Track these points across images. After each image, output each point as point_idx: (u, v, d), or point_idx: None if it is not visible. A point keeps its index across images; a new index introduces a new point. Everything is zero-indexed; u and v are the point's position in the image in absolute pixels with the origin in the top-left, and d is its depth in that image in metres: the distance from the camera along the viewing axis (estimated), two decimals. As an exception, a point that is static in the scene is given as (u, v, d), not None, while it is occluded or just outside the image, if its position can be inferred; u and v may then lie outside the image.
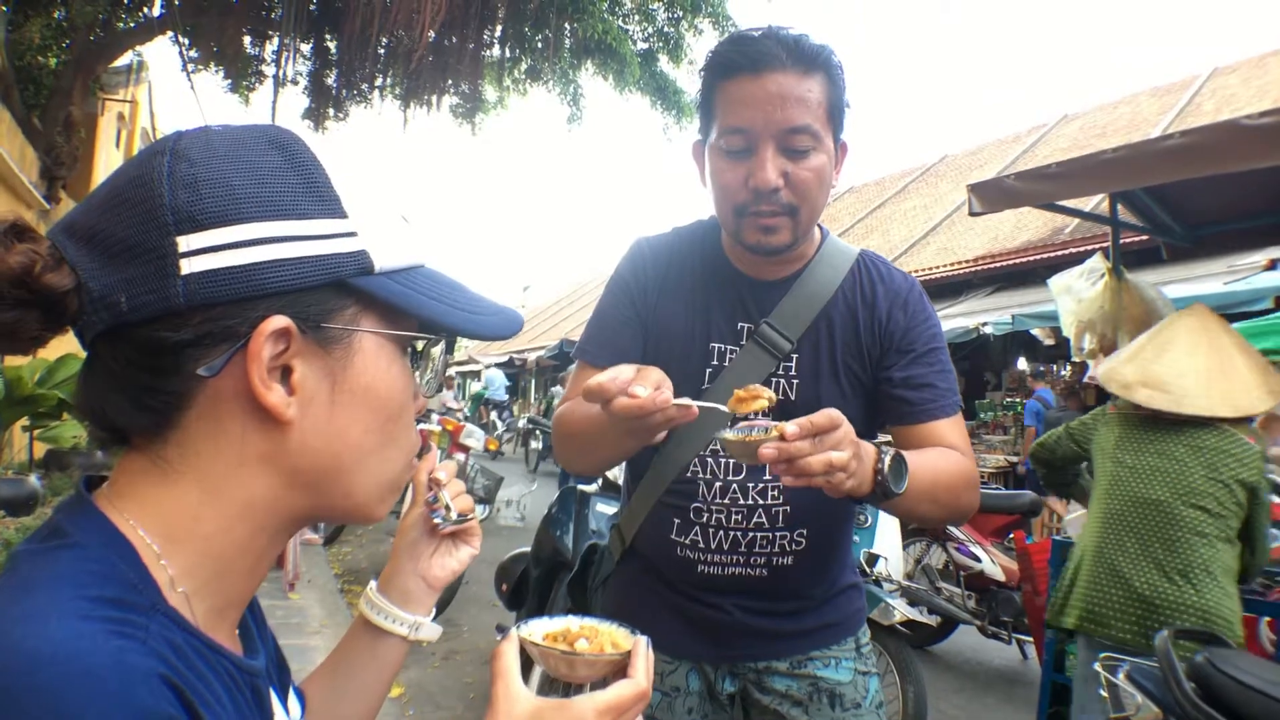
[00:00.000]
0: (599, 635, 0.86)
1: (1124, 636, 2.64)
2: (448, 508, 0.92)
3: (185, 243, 0.58)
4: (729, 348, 1.53)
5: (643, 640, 0.83)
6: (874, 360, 1.54)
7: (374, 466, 0.68)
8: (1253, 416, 2.81)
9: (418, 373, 0.72)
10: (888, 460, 1.22)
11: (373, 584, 0.95)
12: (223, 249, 0.59)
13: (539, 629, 0.86)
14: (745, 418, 1.23)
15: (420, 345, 0.72)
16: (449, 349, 0.75)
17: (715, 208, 1.50)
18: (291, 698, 0.78)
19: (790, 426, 1.10)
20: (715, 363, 1.53)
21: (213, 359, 0.60)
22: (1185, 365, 2.83)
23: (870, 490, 1.23)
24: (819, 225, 1.56)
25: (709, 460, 1.52)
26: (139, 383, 0.61)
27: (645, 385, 1.12)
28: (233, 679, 0.61)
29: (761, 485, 1.51)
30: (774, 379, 1.51)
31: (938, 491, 1.38)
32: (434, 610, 0.97)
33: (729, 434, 1.18)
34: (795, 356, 1.51)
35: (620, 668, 0.81)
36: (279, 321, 0.60)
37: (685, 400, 1.16)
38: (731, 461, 1.51)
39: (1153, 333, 3.06)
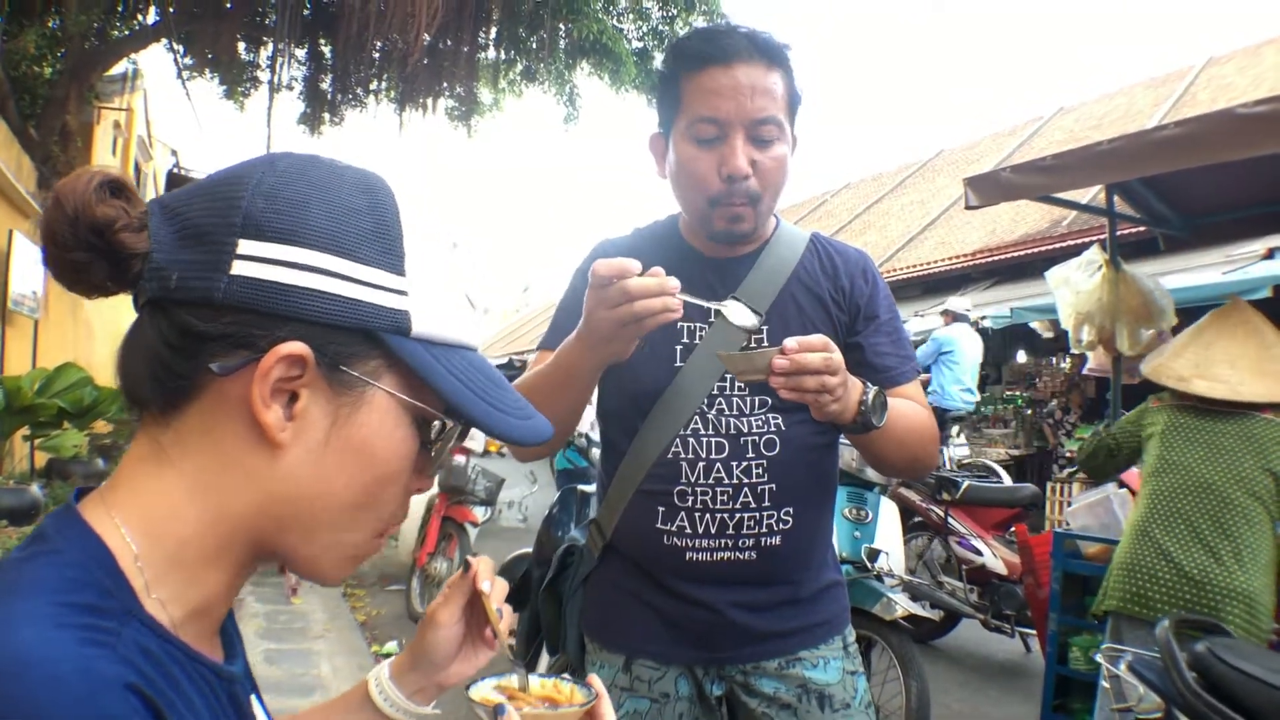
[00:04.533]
0: (544, 688, 0.88)
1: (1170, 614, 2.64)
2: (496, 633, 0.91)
3: (245, 246, 0.61)
4: (698, 326, 1.55)
5: (598, 683, 0.86)
6: (844, 327, 1.60)
7: (343, 521, 0.67)
8: None
9: (431, 450, 0.71)
10: (871, 395, 1.34)
11: (385, 670, 0.92)
12: (275, 264, 0.61)
13: (494, 686, 0.86)
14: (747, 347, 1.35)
15: (436, 423, 0.71)
16: (460, 436, 0.73)
17: (681, 196, 1.55)
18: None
19: (790, 342, 1.22)
20: (685, 341, 1.55)
21: (229, 360, 0.61)
22: (1236, 354, 2.94)
23: (852, 420, 1.34)
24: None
25: (690, 440, 1.52)
26: (160, 357, 0.62)
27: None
28: (209, 684, 0.62)
29: (745, 463, 1.51)
30: (745, 349, 1.52)
31: (908, 437, 1.51)
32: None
33: (730, 351, 1.30)
34: (765, 329, 1.54)
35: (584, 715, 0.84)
36: (296, 347, 0.61)
37: (681, 294, 1.23)
38: (713, 439, 1.52)
39: (1193, 331, 3.14)
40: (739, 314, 1.31)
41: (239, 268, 0.61)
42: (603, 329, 1.26)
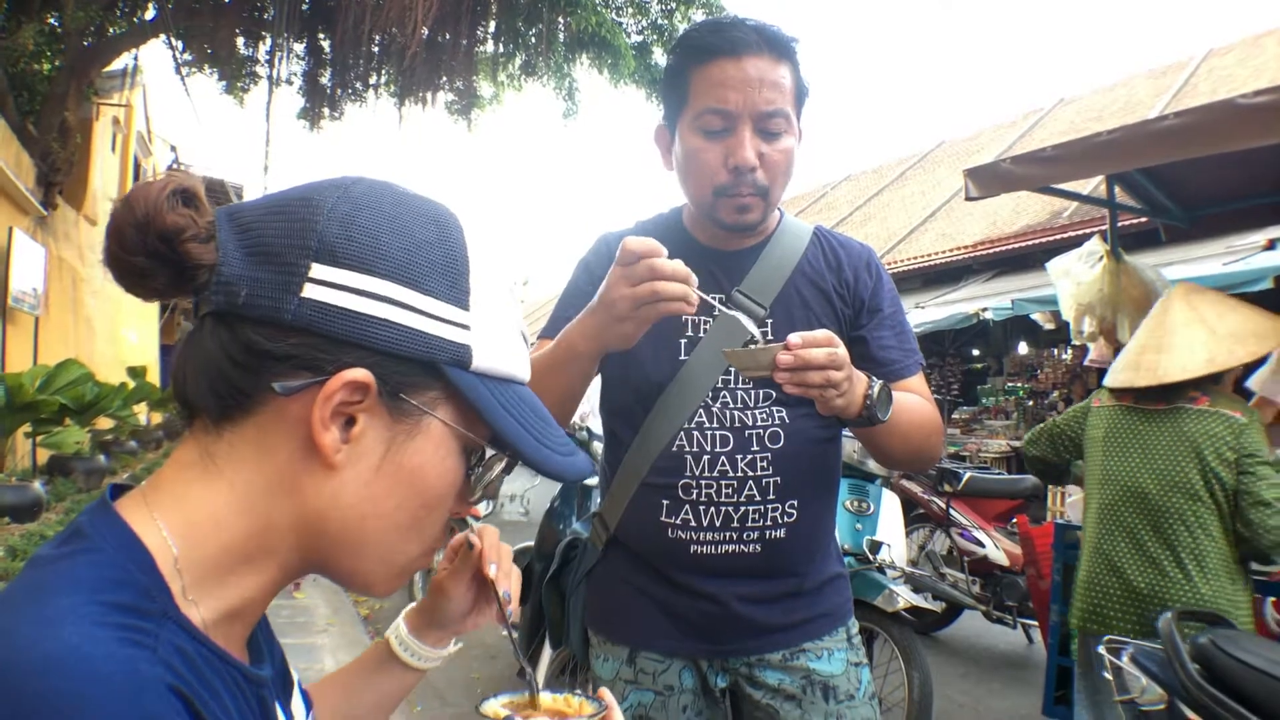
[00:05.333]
0: (555, 703, 0.88)
1: (1125, 631, 2.62)
2: (506, 602, 0.95)
3: (317, 270, 0.62)
4: (702, 320, 1.55)
5: (608, 696, 0.87)
6: (848, 320, 1.60)
7: (391, 542, 0.69)
8: (1209, 383, 2.75)
9: (472, 478, 0.73)
10: (877, 389, 1.33)
11: (403, 627, 0.98)
12: (347, 290, 0.62)
13: (505, 703, 0.87)
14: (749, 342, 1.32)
15: (483, 454, 0.73)
16: (508, 469, 0.75)
17: (687, 187, 1.54)
18: (297, 699, 0.78)
19: (794, 337, 1.21)
20: (690, 334, 1.55)
21: (291, 380, 0.62)
22: (1168, 339, 2.82)
23: (857, 414, 1.33)
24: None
25: (694, 433, 1.52)
26: (221, 370, 0.63)
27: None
28: (239, 688, 0.62)
29: (750, 456, 1.51)
30: (749, 346, 1.52)
31: (911, 430, 1.50)
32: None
33: (734, 348, 1.28)
34: (770, 321, 1.54)
35: None
36: (361, 374, 0.62)
37: (695, 290, 1.23)
38: (718, 433, 1.52)
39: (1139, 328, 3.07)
40: (744, 321, 1.30)
41: (310, 291, 0.61)
42: (619, 306, 1.25)
